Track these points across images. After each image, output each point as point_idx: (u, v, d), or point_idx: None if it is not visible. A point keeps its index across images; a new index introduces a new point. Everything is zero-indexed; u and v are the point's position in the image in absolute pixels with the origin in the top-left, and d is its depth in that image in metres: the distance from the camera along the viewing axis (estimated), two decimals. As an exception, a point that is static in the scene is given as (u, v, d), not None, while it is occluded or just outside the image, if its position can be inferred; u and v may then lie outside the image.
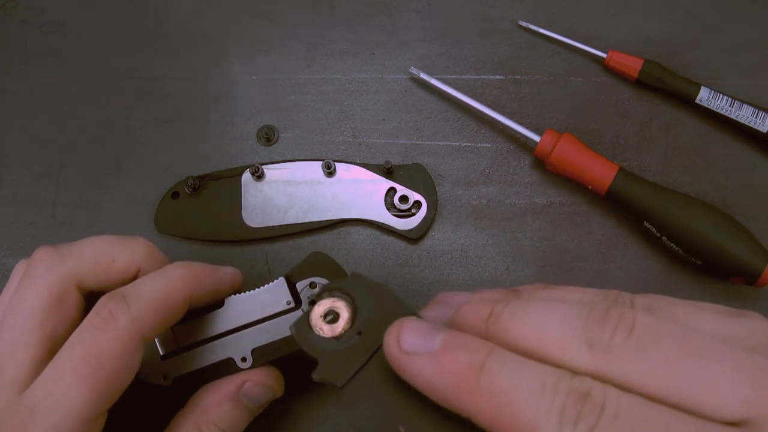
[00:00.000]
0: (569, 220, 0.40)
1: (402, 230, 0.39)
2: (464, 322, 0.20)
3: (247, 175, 0.40)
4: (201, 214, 0.39)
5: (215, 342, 0.30)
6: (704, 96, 0.41)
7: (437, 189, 0.40)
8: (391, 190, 0.39)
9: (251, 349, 0.29)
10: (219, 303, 0.30)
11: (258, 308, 0.30)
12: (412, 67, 0.42)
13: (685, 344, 0.17)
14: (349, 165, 0.40)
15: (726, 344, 0.17)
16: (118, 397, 0.25)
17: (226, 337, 0.30)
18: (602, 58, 0.42)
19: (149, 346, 0.28)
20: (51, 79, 0.43)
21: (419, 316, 0.22)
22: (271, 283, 0.30)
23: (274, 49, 0.44)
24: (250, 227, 0.39)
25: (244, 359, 0.29)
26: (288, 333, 0.29)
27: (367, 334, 0.22)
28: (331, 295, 0.23)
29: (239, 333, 0.30)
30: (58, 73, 0.44)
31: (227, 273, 0.30)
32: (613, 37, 0.44)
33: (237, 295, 0.30)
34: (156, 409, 0.29)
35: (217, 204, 0.39)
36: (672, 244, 0.37)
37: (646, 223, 0.37)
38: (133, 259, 0.28)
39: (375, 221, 0.39)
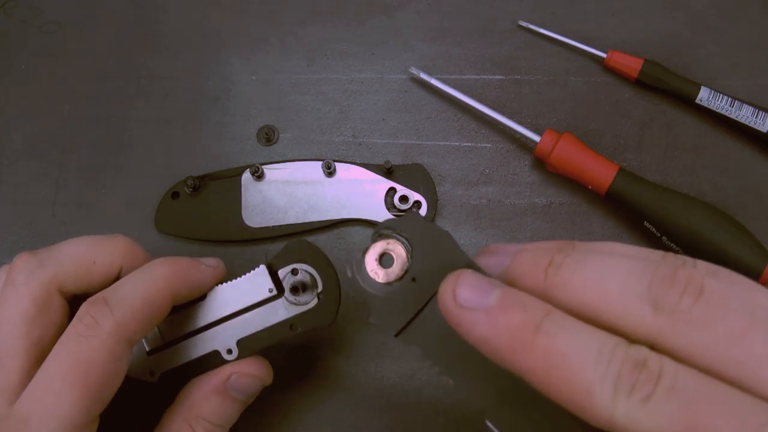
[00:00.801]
0: (569, 220, 0.40)
1: (402, 230, 0.39)
2: (522, 272, 0.20)
3: (247, 175, 0.40)
4: (201, 214, 0.39)
5: (200, 335, 0.29)
6: (704, 96, 0.41)
7: (437, 189, 0.40)
8: (391, 190, 0.39)
9: (236, 340, 0.29)
10: (202, 296, 0.30)
11: (241, 298, 0.29)
12: (412, 67, 0.42)
13: (752, 318, 0.16)
14: (349, 165, 0.40)
15: None
16: (109, 401, 0.25)
17: (211, 330, 0.29)
18: (602, 58, 0.42)
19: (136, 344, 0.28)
20: (51, 79, 0.43)
21: (476, 266, 0.21)
22: (252, 272, 0.30)
23: (274, 49, 0.44)
24: (250, 227, 0.39)
25: (229, 351, 0.29)
26: (272, 322, 0.29)
27: (422, 280, 0.21)
28: (387, 236, 0.22)
29: (224, 324, 0.29)
30: (58, 73, 0.44)
31: (210, 266, 0.30)
32: (613, 37, 0.44)
33: (219, 285, 0.30)
34: (145, 406, 0.29)
35: (217, 204, 0.39)
36: (672, 244, 0.37)
37: (646, 223, 0.37)
38: (113, 259, 0.28)
39: (375, 221, 0.39)
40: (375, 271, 0.22)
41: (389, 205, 0.39)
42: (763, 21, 0.44)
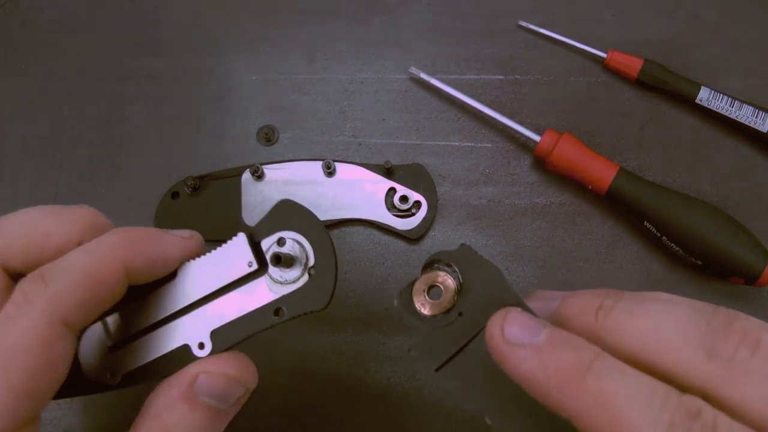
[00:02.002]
0: (569, 220, 0.40)
1: (402, 230, 0.39)
2: (571, 314, 0.20)
3: (247, 175, 0.40)
4: (201, 214, 0.39)
5: (168, 325, 0.24)
6: (704, 96, 0.41)
7: (437, 189, 0.40)
8: (391, 190, 0.39)
9: (210, 331, 0.24)
10: (171, 275, 0.24)
11: (216, 276, 0.24)
12: (412, 67, 0.42)
13: None
14: (349, 165, 0.40)
15: None
16: (49, 398, 0.21)
17: (181, 318, 0.24)
18: (602, 58, 0.42)
19: (97, 336, 0.24)
20: (51, 79, 0.43)
21: (526, 305, 0.21)
22: (229, 242, 0.24)
23: (274, 49, 0.44)
24: (250, 227, 0.39)
25: (201, 345, 0.24)
26: (253, 307, 0.24)
27: (469, 316, 0.21)
28: (438, 268, 0.22)
29: (196, 311, 0.24)
30: (58, 73, 0.44)
31: (180, 236, 0.25)
32: (613, 37, 0.44)
33: (190, 261, 0.24)
34: (111, 415, 0.26)
35: (217, 204, 0.39)
36: (672, 244, 0.37)
37: (646, 223, 0.37)
38: (71, 232, 0.23)
39: (375, 221, 0.39)
40: (422, 303, 0.22)
41: (389, 205, 0.39)
42: (763, 21, 0.44)
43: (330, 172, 0.39)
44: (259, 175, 0.39)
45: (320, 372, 0.36)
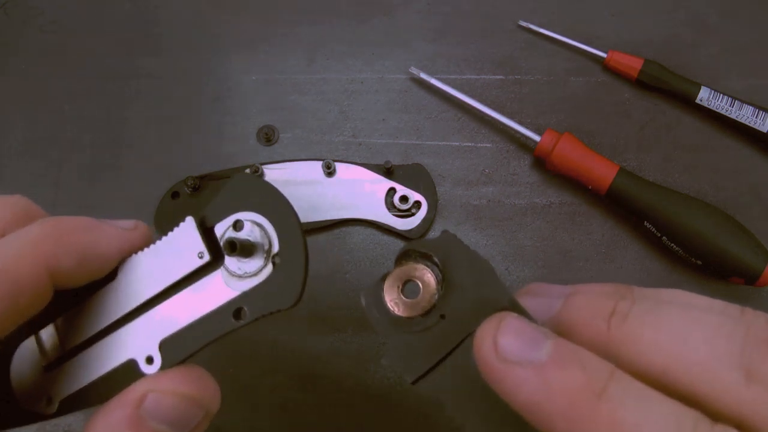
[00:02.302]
0: (569, 220, 0.40)
1: (402, 230, 0.39)
2: (578, 320, 0.17)
3: (247, 175, 0.40)
4: (201, 214, 0.39)
5: (108, 337, 0.20)
6: (704, 96, 0.40)
7: (437, 189, 0.40)
8: (391, 190, 0.39)
9: (159, 341, 0.19)
10: (111, 274, 0.20)
11: (162, 273, 0.20)
12: (412, 67, 0.42)
13: None
14: (349, 165, 0.40)
15: None
16: None
17: (124, 327, 0.20)
18: (602, 58, 0.42)
19: (29, 355, 0.21)
20: (51, 79, 0.43)
21: (520, 306, 0.17)
22: (176, 228, 0.20)
23: (274, 49, 0.44)
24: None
25: (149, 359, 0.19)
26: (208, 309, 0.19)
27: (452, 319, 0.17)
28: (416, 260, 0.18)
29: (141, 318, 0.20)
30: (58, 73, 0.44)
31: (121, 226, 0.21)
32: (613, 37, 0.44)
33: (133, 255, 0.20)
34: None
35: (217, 204, 0.39)
36: (672, 244, 0.37)
37: (646, 223, 0.37)
38: None
39: (375, 221, 0.39)
40: (395, 302, 0.18)
41: (389, 205, 0.39)
42: (763, 21, 0.44)
43: (330, 172, 0.39)
44: (259, 175, 0.39)
45: (320, 372, 0.36)
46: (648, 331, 0.15)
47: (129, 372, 0.19)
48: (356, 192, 0.39)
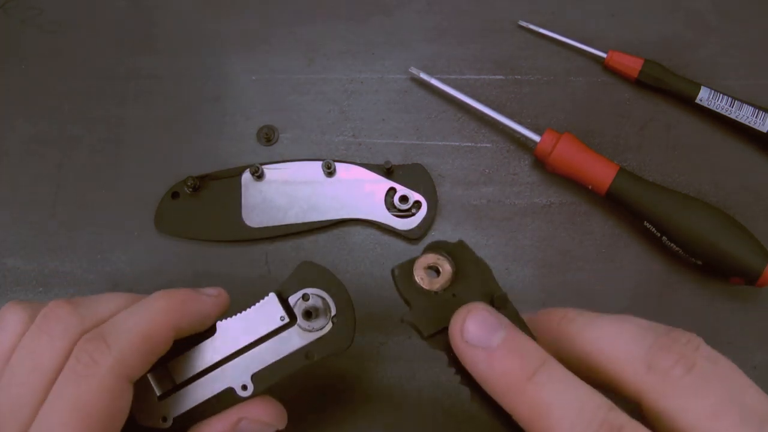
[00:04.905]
0: (569, 220, 0.40)
1: (402, 230, 0.39)
2: (539, 319, 0.23)
3: (247, 175, 0.40)
4: (201, 214, 0.39)
5: (212, 373, 0.28)
6: (704, 96, 0.40)
7: (437, 189, 0.40)
8: (391, 190, 0.39)
9: (251, 374, 0.28)
10: (211, 330, 0.28)
11: (252, 329, 0.28)
12: (412, 67, 0.42)
13: (732, 403, 0.18)
14: (349, 165, 0.40)
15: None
16: None
17: (223, 366, 0.28)
18: (602, 58, 0.42)
19: (145, 387, 0.27)
20: (51, 79, 0.43)
21: (508, 301, 0.23)
22: (261, 301, 0.28)
23: (274, 49, 0.44)
24: (250, 227, 0.39)
25: (244, 387, 0.28)
26: (287, 352, 0.28)
27: (461, 298, 0.23)
28: (438, 253, 0.24)
29: (236, 359, 0.28)
30: (58, 73, 0.44)
31: (211, 295, 0.29)
32: (613, 37, 0.44)
33: (228, 318, 0.28)
34: None
35: (217, 204, 0.39)
36: (672, 244, 0.37)
37: (646, 223, 0.37)
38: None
39: (375, 221, 0.39)
40: (421, 278, 0.24)
41: (389, 205, 0.39)
42: (763, 21, 0.44)
43: (330, 172, 0.39)
44: (259, 175, 0.39)
45: (320, 372, 0.36)
46: (586, 330, 0.21)
47: (228, 396, 0.28)
48: (356, 192, 0.39)
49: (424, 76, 0.42)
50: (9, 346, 0.25)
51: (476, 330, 0.20)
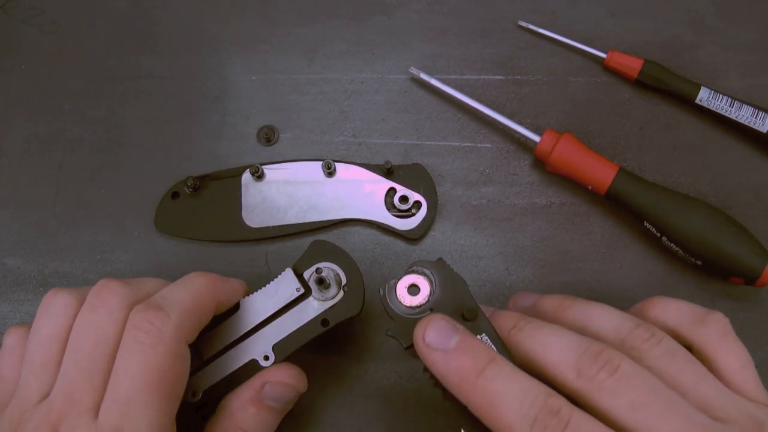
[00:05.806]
0: (569, 220, 0.40)
1: (402, 230, 0.39)
2: (497, 323, 0.27)
3: (247, 175, 0.40)
4: (201, 214, 0.39)
5: (237, 347, 0.30)
6: (704, 96, 0.41)
7: (437, 189, 0.40)
8: (391, 190, 0.39)
9: (272, 345, 0.30)
10: (234, 307, 0.31)
11: (271, 303, 0.31)
12: (412, 67, 0.42)
13: (653, 397, 0.22)
14: (349, 165, 0.40)
15: (688, 407, 0.22)
16: (181, 399, 0.27)
17: (246, 340, 0.30)
18: (602, 58, 0.42)
19: None
20: (51, 79, 0.43)
21: (478, 308, 0.26)
22: (278, 277, 0.31)
23: (274, 49, 0.44)
24: (250, 227, 0.39)
25: (266, 357, 0.30)
26: (304, 321, 0.31)
27: (437, 311, 0.27)
28: (417, 273, 0.28)
29: (258, 333, 0.30)
30: (58, 73, 0.44)
31: (236, 282, 0.31)
32: (613, 37, 0.44)
33: (249, 296, 0.31)
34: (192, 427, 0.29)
35: (217, 204, 0.39)
36: (672, 244, 0.37)
37: (646, 223, 0.37)
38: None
39: (375, 221, 0.39)
40: (403, 296, 0.27)
41: (389, 205, 0.39)
42: (763, 21, 0.44)
43: (330, 172, 0.39)
44: (259, 176, 0.39)
45: (320, 372, 0.36)
46: (529, 340, 0.25)
47: (251, 367, 0.30)
48: (356, 192, 0.39)
49: (424, 76, 0.42)
50: (66, 326, 0.27)
51: (435, 335, 0.24)
